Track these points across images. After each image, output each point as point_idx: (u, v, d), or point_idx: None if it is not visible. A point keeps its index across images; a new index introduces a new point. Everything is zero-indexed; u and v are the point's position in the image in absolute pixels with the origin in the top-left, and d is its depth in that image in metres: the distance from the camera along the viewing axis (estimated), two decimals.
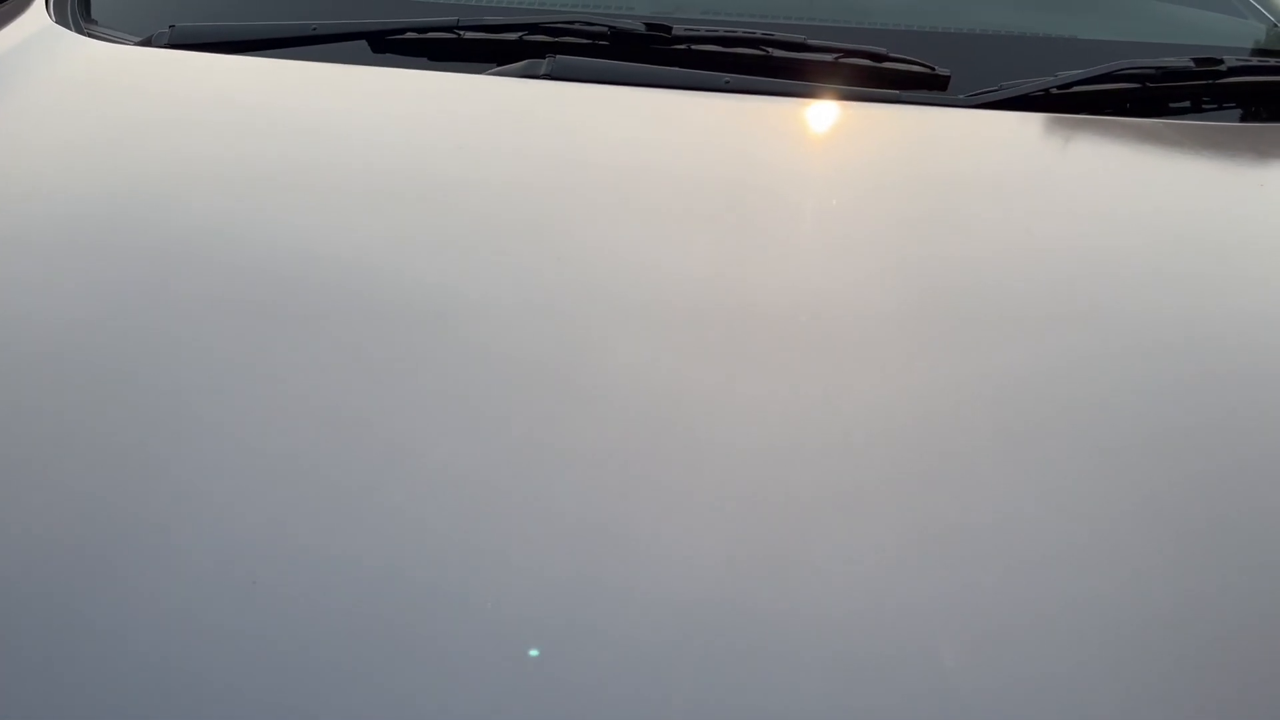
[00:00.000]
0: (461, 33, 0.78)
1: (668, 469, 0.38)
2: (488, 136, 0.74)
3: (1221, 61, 0.76)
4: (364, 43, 0.79)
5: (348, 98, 0.77)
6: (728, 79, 0.75)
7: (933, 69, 0.76)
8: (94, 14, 0.85)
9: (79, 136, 0.76)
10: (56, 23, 0.83)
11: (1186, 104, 0.77)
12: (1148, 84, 0.75)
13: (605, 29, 0.77)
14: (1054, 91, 0.75)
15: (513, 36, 0.78)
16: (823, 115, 0.78)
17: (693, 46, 0.77)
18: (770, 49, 0.77)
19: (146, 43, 0.80)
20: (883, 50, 0.77)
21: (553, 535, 0.34)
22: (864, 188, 0.70)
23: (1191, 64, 0.75)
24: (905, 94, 0.75)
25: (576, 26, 0.77)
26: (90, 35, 0.82)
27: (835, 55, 0.76)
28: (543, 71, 0.75)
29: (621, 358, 0.49)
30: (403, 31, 0.79)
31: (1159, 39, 0.82)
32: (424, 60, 0.79)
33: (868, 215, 0.67)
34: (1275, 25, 0.92)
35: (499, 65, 0.77)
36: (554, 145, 0.73)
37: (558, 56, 0.75)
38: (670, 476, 0.38)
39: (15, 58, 0.82)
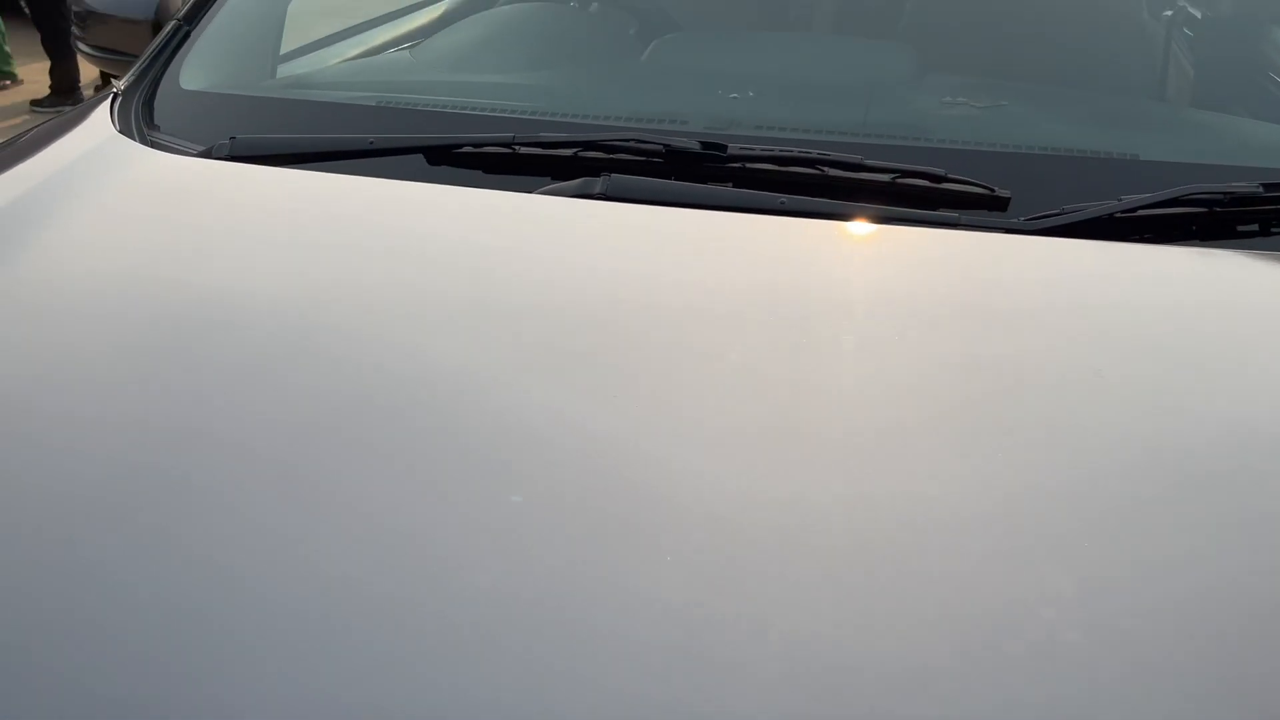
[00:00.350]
0: (517, 148, 0.78)
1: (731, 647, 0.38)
2: (539, 257, 0.74)
3: None
4: (420, 157, 0.80)
5: (402, 214, 0.78)
6: (783, 200, 0.75)
7: (992, 190, 0.75)
8: (157, 123, 0.87)
9: (140, 245, 0.78)
10: (120, 132, 0.85)
11: (1257, 229, 0.75)
12: (1217, 208, 0.73)
13: (660, 147, 0.77)
14: (1118, 215, 0.73)
15: (568, 153, 0.78)
16: (879, 238, 0.77)
17: (748, 165, 0.77)
18: (826, 168, 0.76)
19: (207, 153, 0.82)
20: (940, 171, 0.76)
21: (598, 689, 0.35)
22: (923, 318, 0.69)
23: (1262, 188, 0.73)
24: (964, 215, 0.74)
25: (632, 144, 0.78)
26: (153, 145, 0.84)
27: (893, 175, 0.76)
28: (597, 191, 0.75)
29: (674, 501, 0.48)
30: (459, 146, 0.80)
31: (1229, 160, 0.80)
32: (479, 174, 0.79)
33: (926, 348, 0.66)
34: None
35: (554, 180, 0.78)
36: (608, 269, 0.73)
37: (612, 175, 0.75)
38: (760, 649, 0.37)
39: (80, 165, 0.84)
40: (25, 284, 0.68)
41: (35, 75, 4.88)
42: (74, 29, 1.15)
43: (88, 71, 4.81)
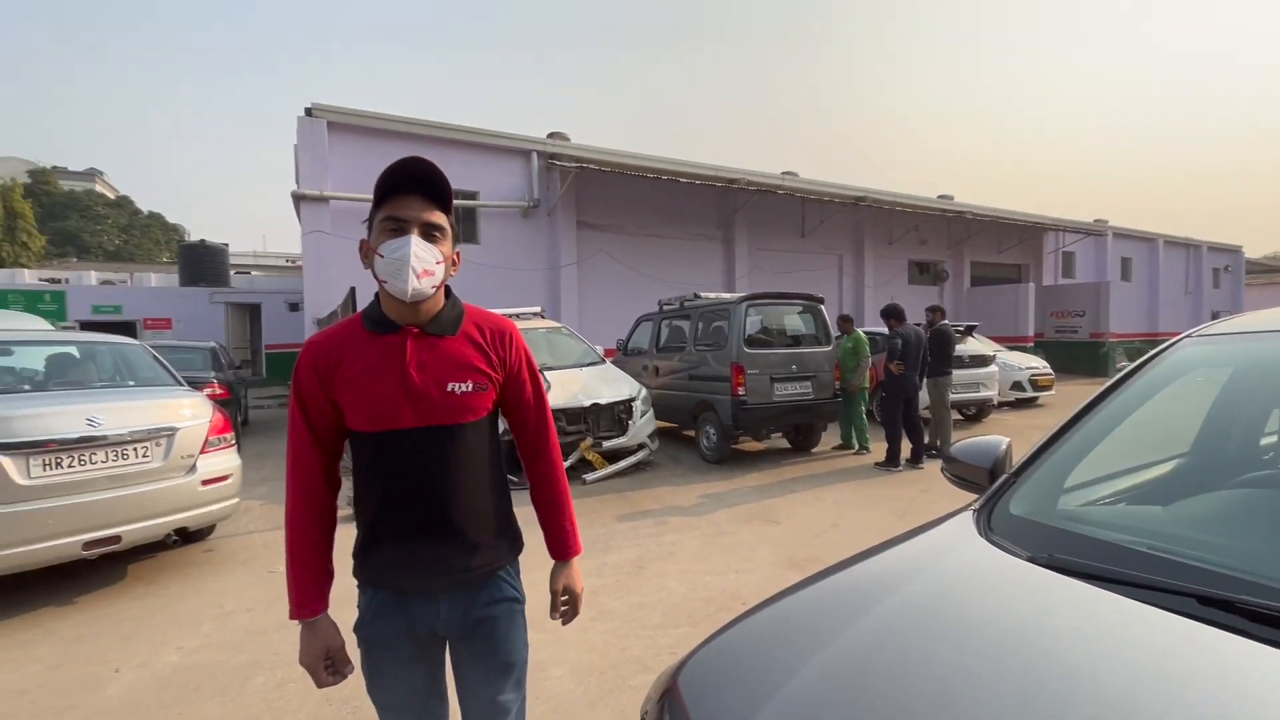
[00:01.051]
0: None
1: None
2: None
3: None
4: (1182, 600, 1.04)
5: (1155, 644, 1.01)
6: None
7: None
8: (994, 529, 1.46)
9: (959, 632, 1.26)
10: (977, 531, 1.47)
11: None
12: None
13: None
14: None
15: None
16: None
17: None
18: None
19: (1032, 559, 1.32)
20: None
21: None
22: None
23: None
24: None
25: None
26: (993, 544, 1.41)
27: None
28: None
29: None
30: (1223, 602, 1.00)
31: None
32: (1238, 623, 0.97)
33: None
34: None
35: None
36: None
37: None
38: None
39: (943, 541, 1.49)
40: (896, 618, 1.22)
41: (877, 448, 7.32)
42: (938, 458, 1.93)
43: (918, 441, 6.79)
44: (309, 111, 10.09)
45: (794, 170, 15.35)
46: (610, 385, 6.73)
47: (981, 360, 9.41)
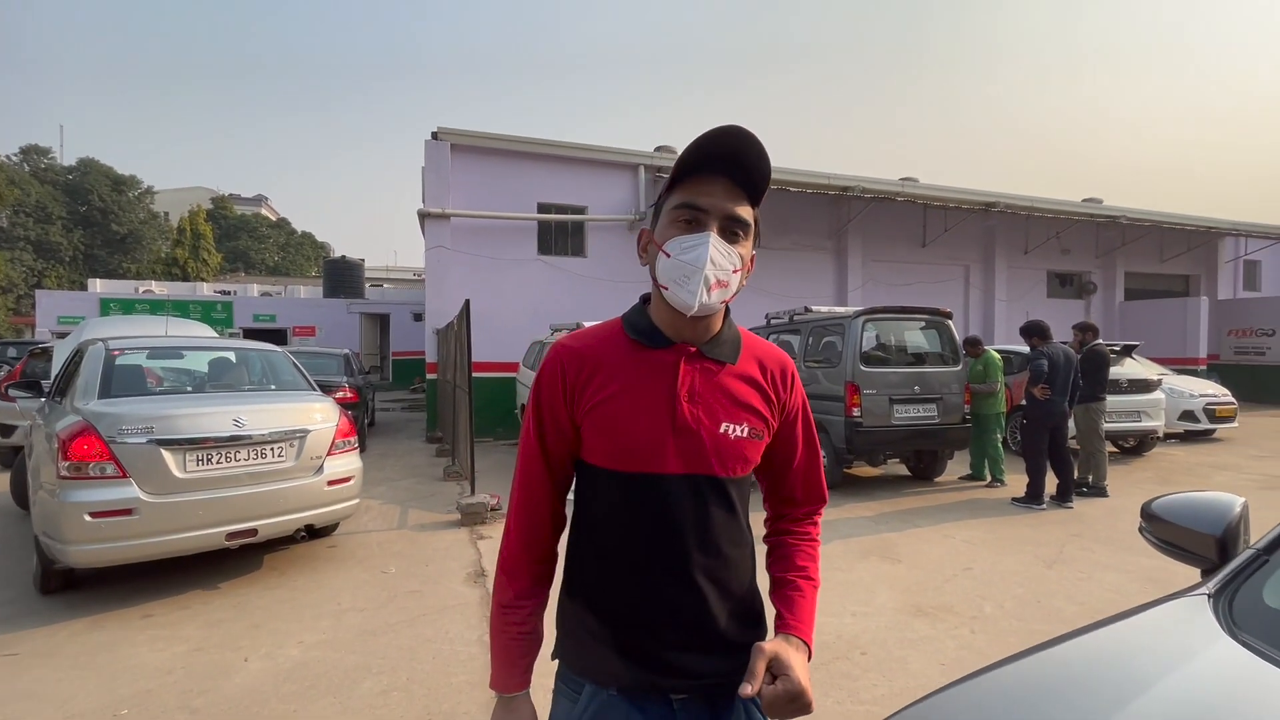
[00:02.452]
0: None
1: None
2: None
3: None
4: None
5: None
6: None
7: None
8: (1237, 622, 1.11)
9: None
10: (1218, 623, 1.13)
11: None
12: None
13: None
14: None
15: None
16: None
17: None
18: None
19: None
20: None
21: None
22: None
23: None
24: None
25: None
26: (1243, 644, 1.07)
27: None
28: None
29: None
30: None
31: None
32: None
33: None
34: None
35: None
36: None
37: None
38: None
39: (1173, 627, 1.16)
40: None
41: (1014, 481, 6.52)
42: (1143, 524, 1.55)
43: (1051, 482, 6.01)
44: (435, 135, 10.79)
45: (914, 176, 14.38)
46: None
47: (1143, 385, 8.18)
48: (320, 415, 4.20)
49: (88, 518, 3.30)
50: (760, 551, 1.10)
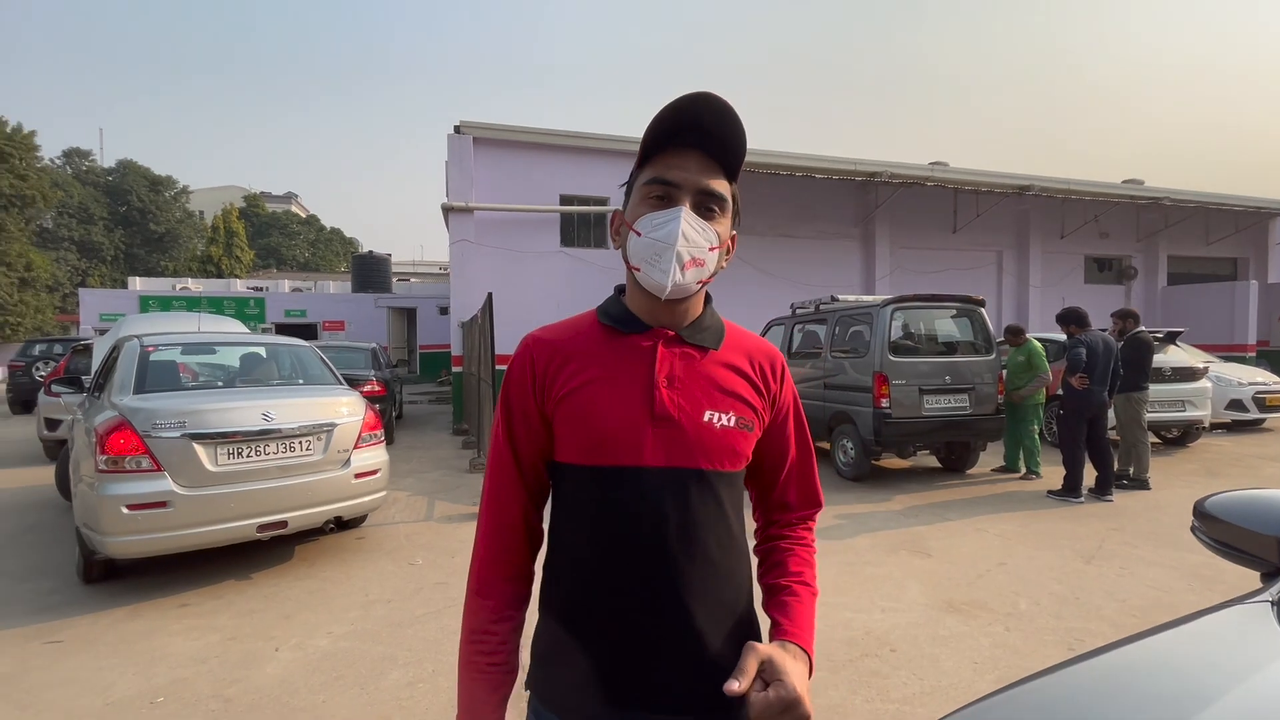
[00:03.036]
0: None
1: None
2: None
3: None
4: None
5: None
6: None
7: None
8: None
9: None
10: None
11: None
12: None
13: None
14: None
15: None
16: None
17: None
18: None
19: None
20: None
21: None
22: None
23: None
24: None
25: None
26: None
27: None
28: None
29: None
30: None
31: None
32: None
33: None
34: None
35: None
36: None
37: None
38: None
39: (1251, 662, 1.07)
40: None
41: (1051, 474, 6.33)
42: (1196, 525, 1.45)
43: (1089, 475, 5.81)
44: (458, 129, 10.83)
45: (943, 160, 13.99)
46: None
47: (1189, 374, 7.86)
48: (347, 409, 4.25)
49: (125, 510, 3.39)
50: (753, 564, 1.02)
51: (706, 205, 0.87)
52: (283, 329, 19.88)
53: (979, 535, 4.72)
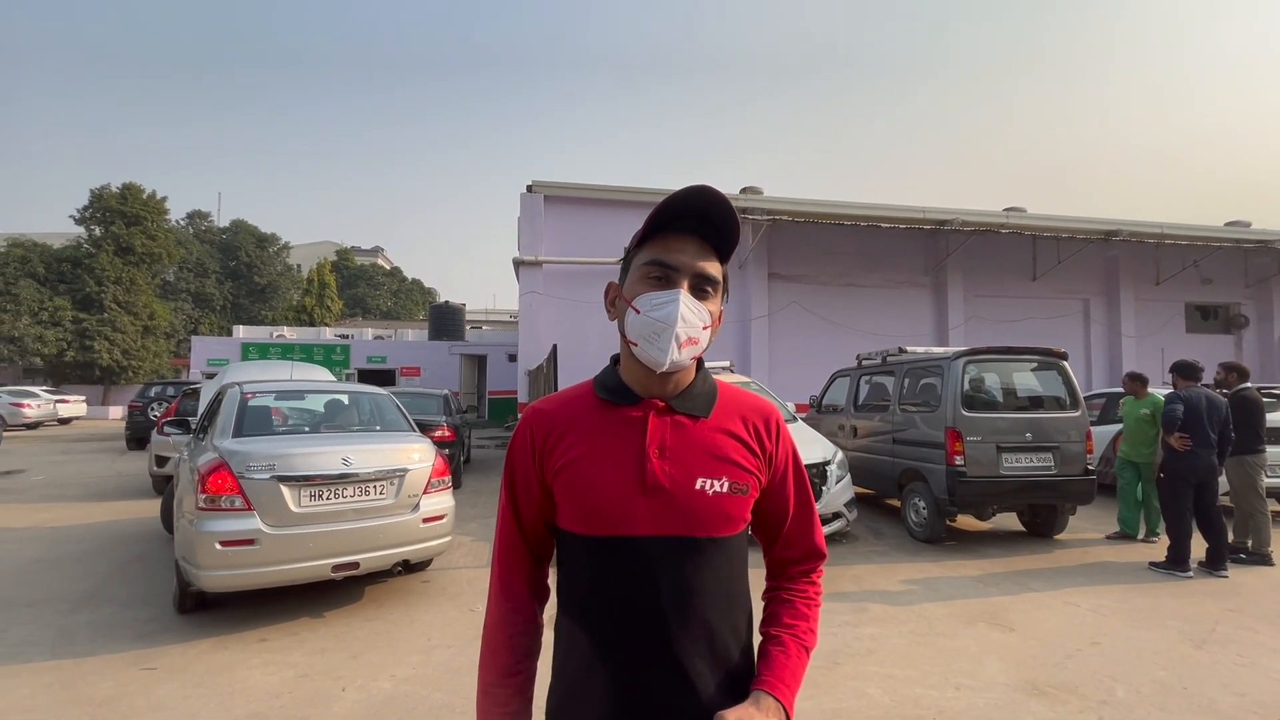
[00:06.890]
0: None
1: None
2: None
3: None
4: None
5: None
6: None
7: None
8: None
9: None
10: None
11: None
12: None
13: None
14: None
15: None
16: None
17: None
18: None
19: None
20: None
21: None
22: None
23: None
24: None
25: None
26: None
27: None
28: None
29: None
30: None
31: None
32: None
33: None
34: None
35: None
36: None
37: None
38: None
39: None
40: None
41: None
42: None
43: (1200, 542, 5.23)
44: (529, 188, 11.47)
45: (1020, 206, 13.52)
46: (803, 446, 6.28)
47: None
48: (418, 455, 4.46)
49: (218, 546, 3.66)
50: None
51: (701, 287, 0.94)
52: (364, 374, 21.10)
53: (1069, 609, 4.34)
